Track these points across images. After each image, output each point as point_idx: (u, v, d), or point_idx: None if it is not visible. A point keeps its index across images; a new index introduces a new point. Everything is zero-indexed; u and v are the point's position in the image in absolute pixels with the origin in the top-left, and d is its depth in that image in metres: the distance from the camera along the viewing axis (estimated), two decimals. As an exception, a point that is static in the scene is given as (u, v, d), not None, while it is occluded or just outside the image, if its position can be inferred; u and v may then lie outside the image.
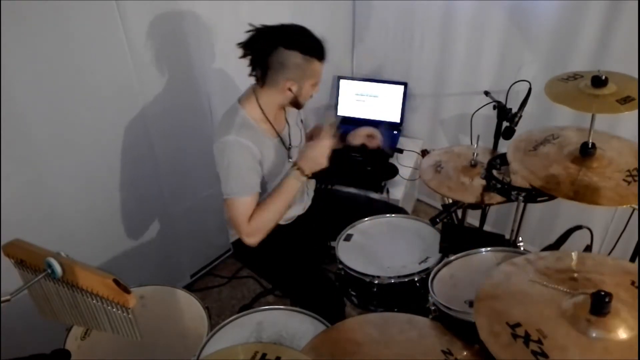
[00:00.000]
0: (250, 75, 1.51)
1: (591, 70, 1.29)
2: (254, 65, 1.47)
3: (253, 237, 1.51)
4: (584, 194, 1.19)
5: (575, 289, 1.00)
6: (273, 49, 1.41)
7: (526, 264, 1.11)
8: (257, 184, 1.52)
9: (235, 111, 1.52)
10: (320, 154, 1.50)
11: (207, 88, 2.03)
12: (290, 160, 1.66)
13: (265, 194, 1.62)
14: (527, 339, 0.90)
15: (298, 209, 1.77)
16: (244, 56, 1.46)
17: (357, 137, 1.80)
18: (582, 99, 1.24)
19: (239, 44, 1.45)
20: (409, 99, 2.62)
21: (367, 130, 1.80)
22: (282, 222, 1.71)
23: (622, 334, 0.90)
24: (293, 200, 1.56)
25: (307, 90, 1.52)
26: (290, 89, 1.48)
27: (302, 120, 1.75)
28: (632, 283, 1.02)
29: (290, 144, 1.66)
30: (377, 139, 1.79)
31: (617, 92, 1.23)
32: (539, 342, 0.89)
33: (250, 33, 1.44)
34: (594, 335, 0.90)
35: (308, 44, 1.43)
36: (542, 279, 1.05)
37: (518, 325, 0.93)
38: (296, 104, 1.56)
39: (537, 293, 1.02)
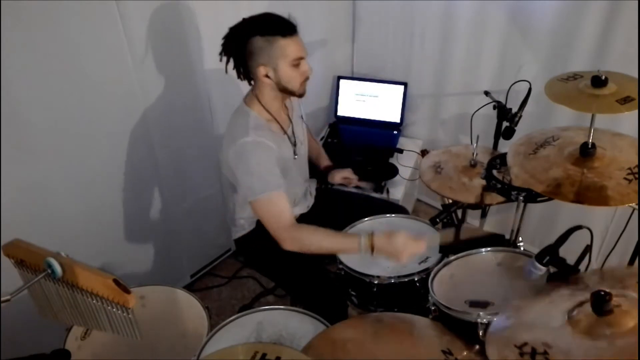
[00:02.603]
0: (238, 78, 1.52)
1: (591, 70, 1.29)
2: (235, 66, 1.49)
3: (289, 242, 1.43)
4: (584, 195, 1.19)
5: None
6: (242, 43, 1.42)
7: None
8: (282, 180, 1.48)
9: (246, 113, 1.52)
10: (404, 254, 1.37)
11: (207, 88, 2.03)
12: (296, 157, 1.66)
13: None
14: (533, 353, 0.90)
15: (302, 208, 1.78)
16: (227, 62, 1.48)
17: (336, 178, 1.91)
18: (582, 99, 1.24)
19: (220, 53, 1.48)
20: (409, 99, 2.62)
21: (343, 173, 1.90)
22: None
23: (624, 333, 0.90)
24: (341, 252, 1.54)
25: (286, 72, 1.45)
26: (267, 75, 1.46)
27: (302, 117, 1.75)
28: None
29: (295, 141, 1.66)
30: (353, 181, 1.91)
31: (617, 92, 1.23)
32: (545, 353, 0.89)
33: (222, 40, 1.47)
34: (597, 336, 0.90)
35: (265, 25, 1.42)
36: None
37: (525, 344, 0.93)
38: (288, 91, 1.51)
39: (544, 314, 1.01)
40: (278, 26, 1.42)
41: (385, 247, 1.38)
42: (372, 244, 1.39)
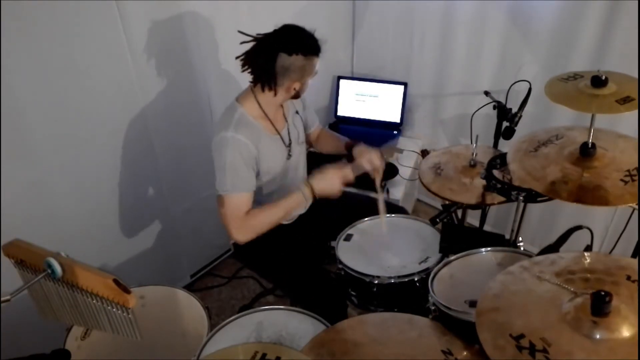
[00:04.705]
0: (254, 83, 1.52)
1: (591, 70, 1.29)
2: (257, 75, 1.48)
3: (242, 234, 1.52)
4: (578, 194, 1.18)
5: (575, 288, 1.00)
6: (275, 57, 1.43)
7: (522, 271, 1.10)
8: (253, 181, 1.53)
9: (233, 109, 1.54)
10: (336, 181, 1.55)
11: (207, 87, 2.03)
12: (290, 156, 1.67)
13: (263, 190, 1.63)
14: (532, 349, 0.89)
15: (300, 209, 1.77)
16: (246, 69, 1.49)
17: (363, 161, 1.68)
18: (581, 99, 1.24)
19: (238, 57, 1.48)
20: (409, 99, 2.62)
21: (370, 155, 1.68)
22: (284, 222, 1.71)
23: (625, 332, 0.89)
24: (291, 213, 1.58)
25: (307, 84, 1.56)
26: (294, 89, 1.52)
27: (297, 112, 1.75)
28: (628, 278, 1.02)
29: (290, 142, 1.66)
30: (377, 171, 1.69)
31: (616, 92, 1.23)
32: (545, 351, 0.88)
33: (250, 45, 1.46)
34: (597, 336, 0.89)
35: (307, 45, 1.45)
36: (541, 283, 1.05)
37: (522, 336, 0.92)
38: (296, 96, 1.60)
39: (537, 301, 1.01)
40: (317, 47, 1.48)
41: (322, 184, 1.54)
42: (311, 187, 1.53)
